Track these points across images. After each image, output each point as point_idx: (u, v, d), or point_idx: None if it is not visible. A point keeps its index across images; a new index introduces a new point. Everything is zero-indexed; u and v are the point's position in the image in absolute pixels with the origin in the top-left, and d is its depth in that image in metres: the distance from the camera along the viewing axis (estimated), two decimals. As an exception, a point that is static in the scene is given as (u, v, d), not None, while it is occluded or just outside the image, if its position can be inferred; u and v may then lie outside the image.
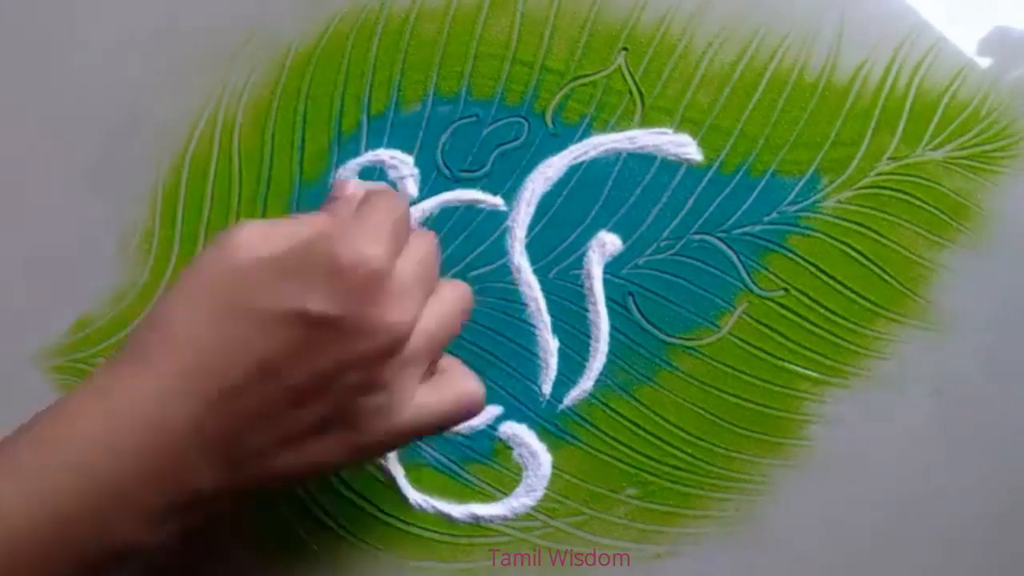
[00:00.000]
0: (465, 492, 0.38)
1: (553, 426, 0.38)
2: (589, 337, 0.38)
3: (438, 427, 0.29)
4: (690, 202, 0.38)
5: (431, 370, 0.30)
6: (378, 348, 0.27)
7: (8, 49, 0.39)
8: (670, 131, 0.38)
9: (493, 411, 0.38)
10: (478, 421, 0.38)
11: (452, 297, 0.30)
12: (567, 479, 0.38)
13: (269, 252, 0.27)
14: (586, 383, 0.38)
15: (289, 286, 0.26)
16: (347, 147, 0.38)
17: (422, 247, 0.29)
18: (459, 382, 0.30)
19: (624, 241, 0.38)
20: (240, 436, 0.26)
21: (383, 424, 0.28)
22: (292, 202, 0.38)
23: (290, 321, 0.26)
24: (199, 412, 0.26)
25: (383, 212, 0.28)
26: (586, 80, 0.38)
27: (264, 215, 0.38)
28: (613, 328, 0.38)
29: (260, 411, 0.26)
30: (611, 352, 0.38)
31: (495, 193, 0.38)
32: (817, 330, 0.38)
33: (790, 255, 0.38)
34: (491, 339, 0.38)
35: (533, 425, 0.38)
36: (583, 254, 0.38)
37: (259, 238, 0.27)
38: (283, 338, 0.26)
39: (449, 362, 0.31)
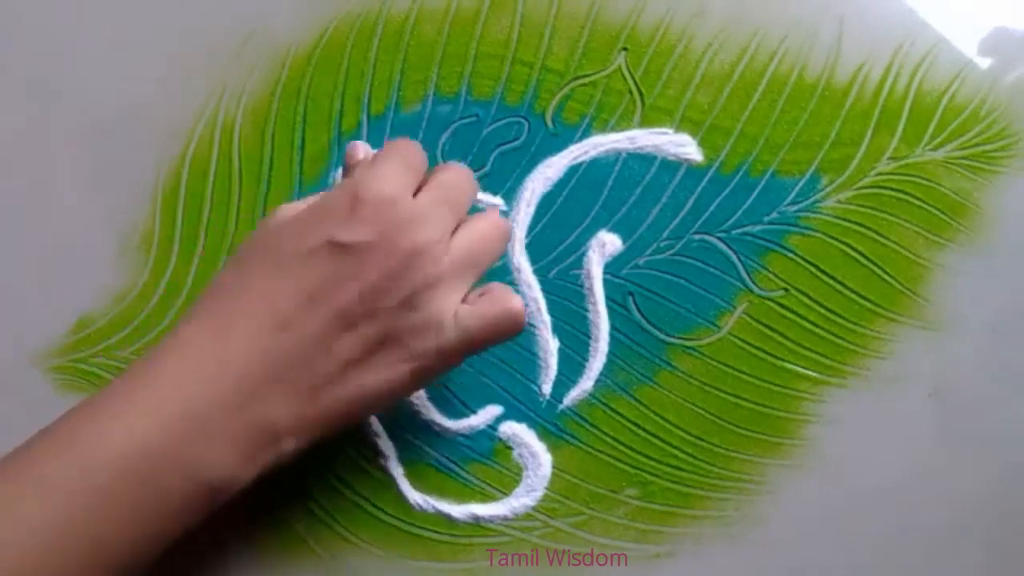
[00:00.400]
0: (465, 492, 0.38)
1: (553, 426, 0.38)
2: (589, 337, 0.38)
3: (483, 342, 0.31)
4: (690, 202, 0.38)
5: (480, 292, 0.32)
6: (409, 265, 0.29)
7: (8, 49, 0.39)
8: (670, 131, 0.38)
9: (493, 411, 0.38)
10: (478, 421, 0.38)
11: (484, 222, 0.32)
12: (567, 479, 0.38)
13: (297, 212, 0.31)
14: (586, 383, 0.38)
15: (319, 226, 0.30)
16: (347, 147, 0.38)
17: (445, 176, 0.32)
18: (499, 300, 0.31)
19: (624, 241, 0.38)
20: (303, 365, 0.29)
21: (430, 341, 0.30)
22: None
23: (325, 253, 0.29)
24: (264, 346, 0.29)
25: (394, 153, 0.31)
26: (586, 80, 0.38)
27: (264, 215, 0.38)
28: (613, 328, 0.38)
29: (316, 339, 0.29)
30: (611, 352, 0.38)
31: (495, 193, 0.38)
32: (817, 330, 0.38)
33: (790, 255, 0.38)
34: (491, 339, 0.38)
35: (533, 425, 0.38)
36: (583, 254, 0.38)
37: (291, 208, 0.31)
38: (322, 268, 0.29)
39: (494, 284, 0.33)
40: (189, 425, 0.28)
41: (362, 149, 0.34)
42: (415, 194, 0.31)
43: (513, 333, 0.32)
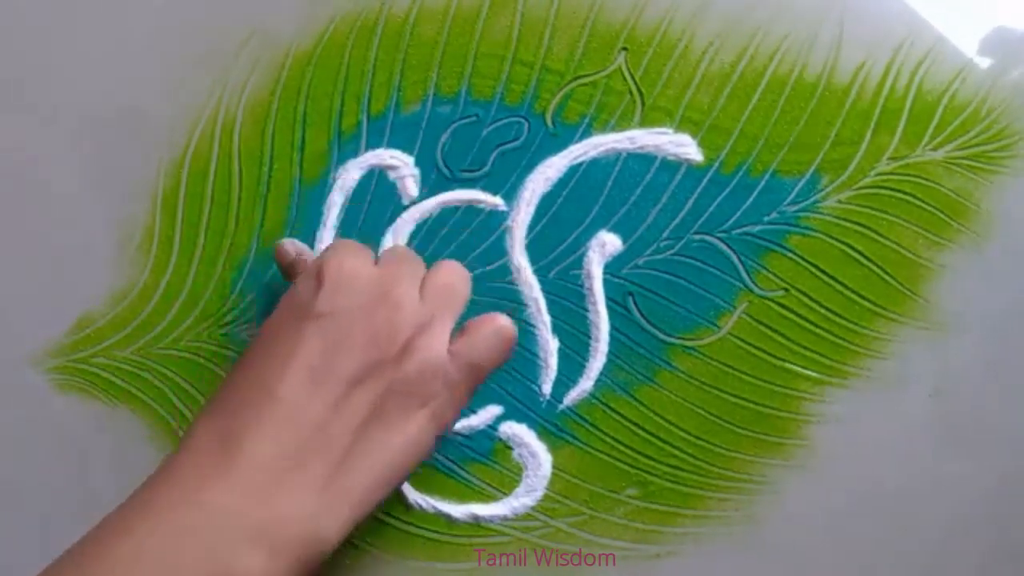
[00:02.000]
0: (465, 492, 0.38)
1: (553, 426, 0.38)
2: (589, 337, 0.38)
3: (484, 368, 0.32)
4: (690, 202, 0.38)
5: (464, 328, 0.33)
6: (388, 319, 0.30)
7: (8, 49, 0.39)
8: (670, 131, 0.38)
9: (493, 411, 0.38)
10: (478, 421, 0.38)
11: (444, 268, 0.33)
12: (567, 479, 0.38)
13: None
14: (586, 383, 0.38)
15: (293, 311, 0.31)
16: (347, 147, 0.38)
17: (394, 248, 0.34)
18: (486, 322, 0.32)
19: (624, 241, 0.38)
20: (322, 440, 0.29)
21: (434, 379, 0.30)
22: (292, 202, 0.38)
23: (308, 327, 0.30)
24: (277, 439, 0.28)
25: (339, 243, 0.33)
26: (586, 80, 0.38)
27: (264, 216, 0.38)
28: (613, 328, 0.38)
29: (326, 408, 0.29)
30: (611, 352, 0.38)
31: (495, 193, 0.38)
32: (817, 330, 0.38)
33: (790, 255, 0.38)
34: (491, 339, 0.38)
35: (533, 425, 0.38)
36: (583, 254, 0.38)
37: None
38: (311, 341, 0.30)
39: (479, 316, 0.33)
40: (213, 534, 0.27)
41: (289, 244, 0.36)
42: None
43: (509, 348, 0.33)
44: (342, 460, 0.29)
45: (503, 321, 0.33)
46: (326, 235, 0.38)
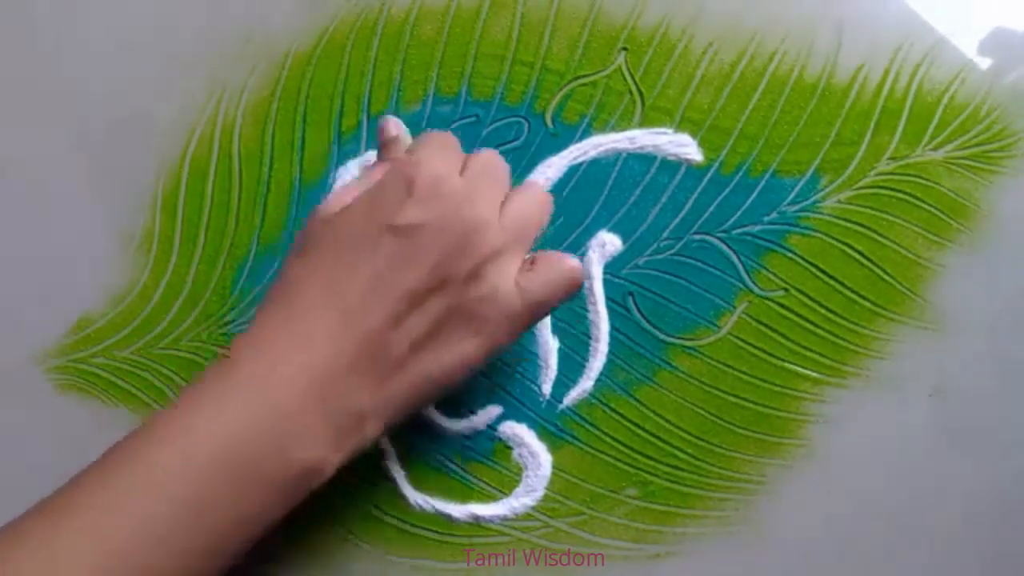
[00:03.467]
0: (465, 492, 0.38)
1: (553, 426, 0.38)
2: (589, 337, 0.38)
3: (547, 304, 0.32)
4: (690, 202, 0.38)
5: (532, 259, 0.33)
6: (467, 240, 0.30)
7: (8, 49, 0.39)
8: (670, 131, 0.38)
9: (493, 411, 0.38)
10: (478, 421, 0.38)
11: (527, 196, 0.33)
12: (567, 479, 0.38)
13: (350, 200, 0.32)
14: (586, 383, 0.38)
15: (377, 213, 0.31)
16: (347, 147, 0.38)
17: (482, 159, 0.33)
18: (555, 261, 0.32)
19: (624, 241, 0.38)
20: (377, 352, 0.30)
21: (497, 309, 0.31)
22: (292, 202, 0.38)
23: (386, 238, 0.30)
24: (336, 339, 0.30)
25: (434, 137, 0.33)
26: (586, 80, 0.38)
27: (264, 216, 0.38)
28: (613, 328, 0.38)
29: (386, 320, 0.30)
30: (611, 352, 0.38)
31: (495, 193, 0.38)
32: (817, 330, 0.38)
33: (790, 255, 0.38)
34: (491, 339, 0.38)
35: (533, 425, 0.38)
36: (583, 254, 0.38)
37: (344, 194, 0.32)
38: (384, 253, 0.30)
39: (549, 251, 0.34)
40: (279, 420, 0.29)
41: (394, 124, 0.35)
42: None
43: (574, 290, 0.33)
44: (395, 369, 0.30)
45: (572, 263, 0.32)
46: (326, 235, 0.38)
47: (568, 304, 0.38)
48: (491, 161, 0.33)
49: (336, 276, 0.30)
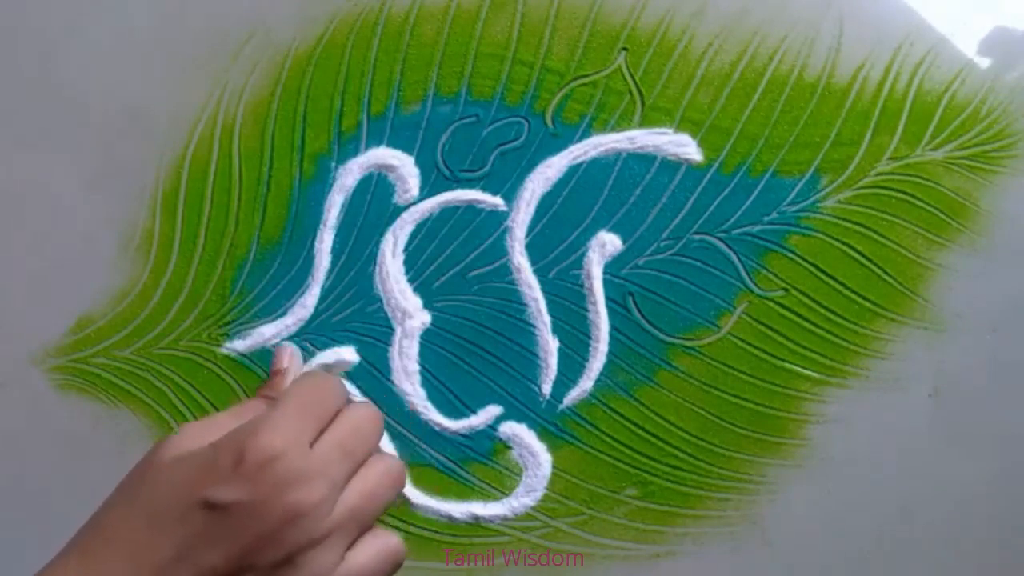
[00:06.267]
0: (465, 492, 0.38)
1: (553, 426, 0.38)
2: (589, 337, 0.38)
3: None
4: (690, 202, 0.38)
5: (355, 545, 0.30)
6: (286, 527, 0.28)
7: (9, 49, 0.39)
8: (670, 131, 0.38)
9: (493, 411, 0.38)
10: (478, 421, 0.38)
11: (378, 472, 0.30)
12: (567, 479, 0.38)
13: (190, 450, 0.29)
14: (586, 383, 0.38)
15: (198, 482, 0.28)
16: (347, 147, 0.38)
17: (348, 424, 0.30)
18: (379, 547, 0.30)
19: (624, 241, 0.38)
20: None
21: None
22: (292, 202, 0.38)
23: (195, 511, 0.28)
24: None
25: (296, 397, 0.30)
26: (586, 80, 0.38)
27: (264, 216, 0.38)
28: (613, 328, 0.38)
29: None
30: (611, 352, 0.38)
31: (495, 193, 0.38)
32: (817, 330, 0.38)
33: (790, 255, 0.38)
34: (491, 339, 0.38)
35: (533, 425, 0.38)
36: (583, 254, 0.38)
37: (190, 439, 0.30)
38: (193, 527, 0.28)
39: (377, 529, 0.31)
40: None
41: (288, 356, 0.33)
42: (318, 436, 0.30)
43: (396, 569, 0.31)
44: None
45: (397, 546, 0.30)
46: (326, 235, 0.38)
47: (568, 304, 0.38)
48: (358, 427, 0.30)
49: (143, 540, 0.28)
